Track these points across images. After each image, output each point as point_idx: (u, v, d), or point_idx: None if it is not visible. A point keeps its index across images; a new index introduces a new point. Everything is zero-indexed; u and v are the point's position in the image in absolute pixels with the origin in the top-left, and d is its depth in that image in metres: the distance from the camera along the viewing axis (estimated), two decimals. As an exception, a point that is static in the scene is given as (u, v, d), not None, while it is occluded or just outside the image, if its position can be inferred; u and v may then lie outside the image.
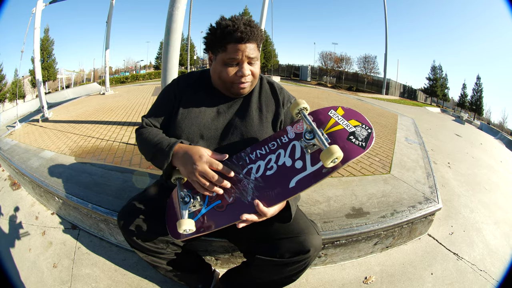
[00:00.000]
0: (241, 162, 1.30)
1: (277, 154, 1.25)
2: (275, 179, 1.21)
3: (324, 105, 9.62)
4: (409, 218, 2.44)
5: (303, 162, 1.18)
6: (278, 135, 1.31)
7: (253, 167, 1.27)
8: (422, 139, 5.65)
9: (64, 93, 17.27)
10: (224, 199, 1.26)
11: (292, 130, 1.29)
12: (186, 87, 1.56)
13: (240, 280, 1.67)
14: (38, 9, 7.82)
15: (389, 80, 33.98)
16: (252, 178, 1.25)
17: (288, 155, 1.23)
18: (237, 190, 1.25)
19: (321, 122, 1.25)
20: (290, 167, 1.20)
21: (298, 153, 1.21)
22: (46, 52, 25.96)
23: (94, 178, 2.98)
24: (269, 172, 1.23)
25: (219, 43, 1.36)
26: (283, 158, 1.23)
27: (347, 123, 1.22)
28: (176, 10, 3.72)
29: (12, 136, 5.56)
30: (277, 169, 1.22)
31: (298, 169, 1.18)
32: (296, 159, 1.20)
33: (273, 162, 1.24)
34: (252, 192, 1.22)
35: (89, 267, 2.24)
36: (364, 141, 1.15)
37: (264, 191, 1.21)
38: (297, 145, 1.23)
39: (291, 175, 1.18)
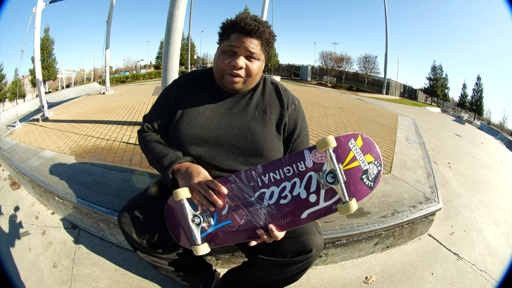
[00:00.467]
0: (252, 183, 1.26)
1: (292, 183, 1.22)
2: (289, 209, 1.22)
3: (324, 104, 9.64)
4: (409, 218, 2.44)
5: (317, 197, 1.19)
6: (295, 160, 1.24)
7: (266, 192, 1.24)
8: (422, 139, 5.65)
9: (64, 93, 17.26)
10: (236, 220, 1.26)
11: (310, 157, 1.23)
12: (187, 87, 1.55)
13: (241, 280, 1.67)
14: (38, 9, 7.82)
15: (389, 80, 34.04)
16: (265, 204, 1.24)
17: (303, 186, 1.21)
18: (248, 213, 1.25)
19: (339, 157, 1.21)
20: (304, 200, 1.20)
21: (313, 187, 1.20)
22: (46, 51, 25.94)
23: (94, 178, 2.98)
24: (283, 201, 1.22)
25: (225, 33, 1.40)
26: (298, 189, 1.21)
27: (363, 158, 1.21)
28: (176, 9, 3.71)
29: (12, 136, 5.56)
30: (291, 199, 1.22)
31: (312, 202, 1.20)
32: (311, 192, 1.20)
33: (288, 191, 1.22)
34: (265, 218, 1.23)
35: (89, 267, 2.24)
36: (373, 181, 1.19)
37: (277, 218, 1.23)
38: (313, 177, 1.21)
39: (304, 207, 1.20)
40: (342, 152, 1.20)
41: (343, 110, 8.91)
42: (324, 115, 7.43)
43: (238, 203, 1.26)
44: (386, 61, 32.80)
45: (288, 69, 42.64)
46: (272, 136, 1.47)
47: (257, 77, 1.48)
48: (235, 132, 1.45)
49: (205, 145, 1.43)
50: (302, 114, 1.60)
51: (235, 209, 1.26)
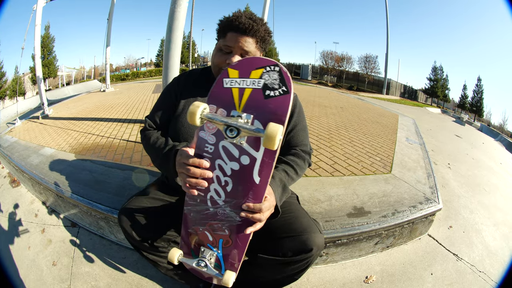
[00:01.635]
0: (199, 199, 1.16)
1: (219, 167, 1.09)
2: (239, 188, 1.10)
3: (324, 103, 9.63)
4: (410, 218, 2.45)
5: (248, 155, 1.05)
6: (201, 148, 1.11)
7: (212, 195, 1.14)
8: (422, 139, 5.64)
9: (64, 90, 17.22)
10: (224, 236, 1.19)
11: (207, 134, 1.09)
12: (187, 84, 1.58)
13: (241, 278, 1.66)
14: (39, 6, 7.80)
15: (389, 80, 33.99)
16: (221, 203, 1.14)
17: (228, 160, 1.07)
18: (223, 222, 1.17)
19: (227, 103, 1.06)
20: (241, 169, 1.07)
21: (235, 151, 1.06)
22: (47, 49, 25.90)
23: (94, 176, 2.97)
24: (229, 188, 1.11)
25: (222, 31, 1.44)
26: (227, 167, 1.08)
27: (251, 80, 1.04)
28: (178, 7, 3.71)
29: (12, 133, 5.56)
30: (232, 180, 1.10)
31: (248, 164, 1.06)
32: (239, 158, 1.06)
33: (224, 177, 1.10)
34: (234, 213, 1.14)
35: (88, 265, 2.23)
36: (283, 84, 1.01)
37: (241, 203, 1.11)
38: (227, 145, 1.07)
39: (249, 174, 1.07)
40: (225, 97, 1.07)
41: (344, 109, 8.91)
42: (324, 115, 7.43)
43: (209, 222, 1.19)
44: (386, 61, 32.78)
45: (289, 68, 42.59)
46: None
47: None
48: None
49: None
50: (299, 108, 1.61)
51: (213, 228, 1.19)
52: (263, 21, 1.43)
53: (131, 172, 3.07)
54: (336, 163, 3.63)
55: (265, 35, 1.42)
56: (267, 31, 1.43)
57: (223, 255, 1.22)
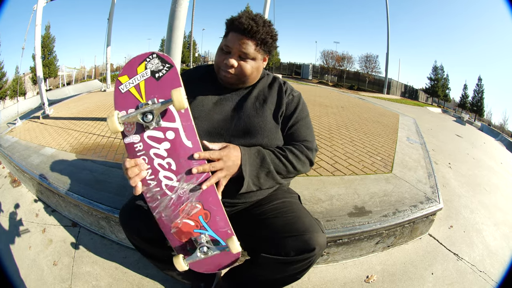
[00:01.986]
0: (158, 195, 1.21)
1: (155, 155, 1.17)
2: (182, 161, 1.18)
3: (325, 103, 9.63)
4: (410, 218, 2.44)
5: (170, 130, 1.15)
6: (134, 154, 1.17)
7: (166, 183, 1.19)
8: (423, 139, 5.64)
9: (65, 90, 17.22)
10: (199, 211, 1.23)
11: (131, 137, 1.16)
12: (190, 80, 1.56)
13: (243, 278, 1.66)
14: (39, 6, 7.80)
15: (390, 80, 34.01)
16: (176, 184, 1.19)
17: (159, 144, 1.16)
18: (190, 199, 1.21)
19: (131, 104, 1.14)
20: (172, 144, 1.16)
21: (159, 134, 1.15)
22: (47, 49, 25.87)
23: (95, 175, 2.98)
24: (174, 166, 1.18)
25: (226, 30, 1.44)
26: (161, 150, 1.17)
27: (139, 74, 1.15)
28: (179, 7, 3.70)
29: (12, 133, 5.56)
30: (172, 158, 1.18)
31: (175, 136, 1.16)
32: (165, 136, 1.16)
33: (164, 160, 1.17)
34: (191, 183, 1.20)
35: (89, 265, 2.24)
36: (165, 63, 1.15)
37: (192, 176, 1.19)
38: (150, 133, 1.15)
39: (180, 144, 1.16)
40: (129, 100, 1.15)
41: (344, 109, 8.91)
42: (325, 114, 7.43)
43: (180, 209, 1.22)
44: (387, 61, 32.78)
45: (290, 67, 42.63)
46: (271, 125, 1.48)
47: (253, 75, 1.49)
48: (235, 122, 1.46)
49: (207, 136, 1.43)
50: (302, 106, 1.60)
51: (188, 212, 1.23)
52: (266, 23, 1.41)
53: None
54: (337, 163, 3.63)
55: (266, 37, 1.39)
56: (269, 33, 1.40)
57: (213, 230, 1.26)
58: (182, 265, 1.23)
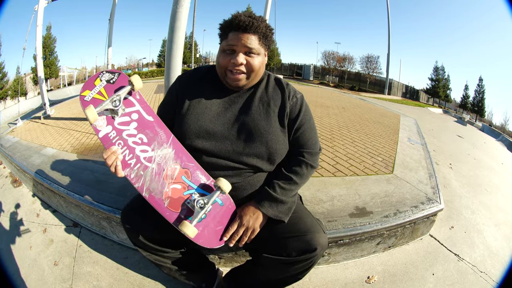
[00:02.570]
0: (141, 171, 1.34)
1: (128, 136, 1.35)
2: (149, 132, 1.38)
3: (326, 104, 9.63)
4: (411, 218, 2.44)
5: (134, 112, 1.39)
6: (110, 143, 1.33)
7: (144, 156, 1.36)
8: (424, 139, 5.63)
9: (66, 91, 17.30)
10: (180, 171, 1.38)
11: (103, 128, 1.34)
12: (190, 83, 1.56)
13: (244, 278, 1.66)
14: (40, 7, 7.81)
15: (391, 80, 33.96)
16: (152, 153, 1.36)
17: (127, 126, 1.37)
18: (168, 163, 1.37)
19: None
20: (138, 122, 1.39)
21: (126, 118, 1.37)
22: (48, 49, 25.98)
23: (96, 176, 2.98)
24: (146, 139, 1.37)
25: (223, 33, 1.44)
26: (131, 130, 1.36)
27: (97, 85, 1.38)
28: (180, 7, 3.70)
29: (13, 133, 5.57)
30: (142, 133, 1.37)
31: (138, 116, 1.39)
32: (130, 119, 1.37)
33: (136, 137, 1.36)
34: (166, 149, 1.39)
35: (90, 265, 2.24)
36: (114, 74, 1.41)
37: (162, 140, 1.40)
38: (119, 120, 1.36)
39: (143, 119, 1.39)
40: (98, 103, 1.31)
41: (346, 109, 8.90)
42: (326, 115, 7.43)
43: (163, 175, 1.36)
44: (388, 61, 32.75)
45: (291, 68, 42.61)
46: (276, 129, 1.47)
47: (260, 71, 1.48)
48: (240, 125, 1.45)
49: (212, 139, 1.43)
50: (305, 108, 1.59)
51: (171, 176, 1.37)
52: (262, 18, 1.42)
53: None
54: (338, 164, 3.63)
55: (266, 31, 1.41)
56: (268, 27, 1.42)
57: (199, 187, 1.39)
58: (192, 229, 1.25)
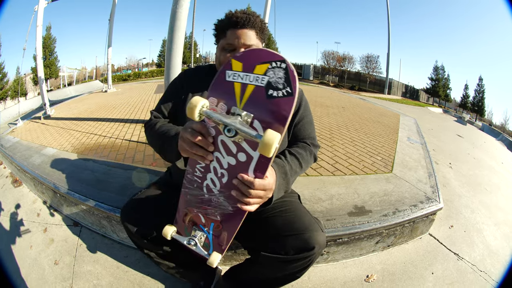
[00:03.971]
0: (195, 185, 1.20)
1: (217, 160, 1.10)
2: (232, 183, 1.10)
3: (326, 103, 9.63)
4: (410, 217, 2.45)
5: (245, 153, 1.03)
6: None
7: (208, 184, 1.17)
8: (424, 139, 5.63)
9: (66, 91, 17.26)
10: (214, 220, 1.25)
11: (208, 126, 1.07)
12: (194, 77, 1.59)
13: (243, 277, 1.67)
14: (40, 7, 7.81)
15: (391, 80, 33.86)
16: (216, 192, 1.16)
17: (226, 154, 1.07)
18: (216, 209, 1.21)
19: (228, 98, 1.03)
20: (237, 164, 1.06)
21: (233, 147, 1.05)
22: (48, 49, 25.95)
23: (96, 175, 2.99)
24: (224, 179, 1.12)
25: (221, 31, 1.47)
26: (224, 160, 1.08)
27: (254, 75, 0.98)
28: (180, 8, 3.72)
29: (14, 134, 5.57)
30: (228, 173, 1.10)
31: (245, 161, 1.04)
32: (236, 154, 1.05)
33: (220, 169, 1.11)
34: (227, 202, 1.17)
35: (90, 264, 2.25)
36: (288, 85, 0.94)
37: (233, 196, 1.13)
38: (225, 140, 1.05)
39: (244, 170, 1.06)
40: (226, 91, 1.03)
41: (345, 109, 8.91)
42: (326, 114, 7.43)
43: (202, 206, 1.24)
44: (388, 61, 32.66)
45: (290, 68, 42.49)
46: None
47: None
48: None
49: None
50: (305, 102, 1.63)
51: (206, 213, 1.25)
52: (256, 13, 1.46)
53: (134, 171, 3.08)
54: (338, 163, 3.64)
55: (262, 25, 1.45)
56: (262, 21, 1.47)
57: (213, 237, 1.29)
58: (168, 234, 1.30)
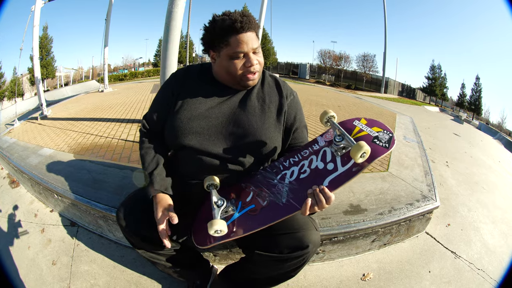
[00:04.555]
0: (275, 170, 1.40)
1: (310, 160, 1.33)
2: (309, 180, 1.28)
3: (321, 102, 9.65)
4: (406, 216, 2.46)
5: (334, 164, 1.25)
6: (310, 144, 1.41)
7: (287, 173, 1.35)
8: (420, 137, 5.64)
9: (62, 91, 17.16)
10: (258, 204, 1.31)
11: (322, 139, 1.38)
12: (186, 80, 1.56)
13: (238, 275, 1.67)
14: (37, 7, 7.77)
15: (388, 79, 33.87)
16: (287, 182, 1.32)
17: (320, 159, 1.30)
18: (271, 194, 1.32)
19: (348, 130, 1.32)
20: (322, 169, 1.27)
21: (329, 157, 1.29)
22: (45, 49, 25.84)
23: (93, 175, 2.98)
24: (303, 176, 1.31)
25: (220, 39, 1.36)
26: (315, 163, 1.31)
27: (371, 129, 1.30)
28: (175, 7, 3.71)
29: (11, 134, 5.55)
30: (310, 172, 1.30)
31: (330, 170, 1.25)
32: (327, 162, 1.28)
33: (306, 167, 1.32)
34: (287, 194, 1.29)
35: (88, 264, 2.25)
36: (387, 143, 1.23)
37: (298, 193, 1.27)
38: (327, 150, 1.31)
39: (324, 176, 1.24)
40: (349, 127, 1.35)
41: (341, 108, 8.93)
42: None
43: (262, 188, 1.36)
44: (384, 60, 32.62)
45: (287, 67, 42.48)
46: (270, 125, 1.48)
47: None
48: (234, 121, 1.46)
49: (205, 134, 1.44)
50: (300, 106, 1.63)
51: (259, 193, 1.35)
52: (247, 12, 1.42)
53: (129, 171, 3.08)
54: (334, 162, 3.63)
55: (257, 24, 1.42)
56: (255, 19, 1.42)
57: (238, 217, 1.33)
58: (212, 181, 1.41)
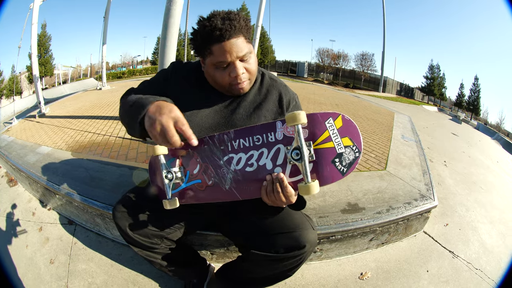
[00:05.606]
0: (222, 147, 1.26)
1: (260, 153, 1.21)
2: (253, 177, 1.22)
3: (319, 100, 9.65)
4: (404, 215, 2.46)
5: (283, 171, 1.18)
6: (266, 130, 1.21)
7: (234, 158, 1.24)
8: (418, 137, 5.64)
9: (61, 89, 17.16)
10: (204, 181, 1.29)
11: (281, 129, 1.19)
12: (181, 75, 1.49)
13: (235, 274, 1.67)
14: (35, 5, 7.74)
15: (386, 78, 33.99)
16: (232, 169, 1.24)
17: (270, 157, 1.19)
18: (216, 175, 1.27)
19: (314, 134, 1.17)
20: (269, 171, 1.20)
21: (280, 159, 1.18)
22: (43, 47, 25.79)
23: (90, 173, 2.98)
24: (249, 169, 1.22)
25: (202, 48, 1.28)
26: (264, 159, 1.20)
27: (340, 140, 1.15)
28: (173, 5, 3.71)
29: (9, 133, 5.53)
30: (256, 168, 1.21)
31: (275, 175, 1.17)
32: (277, 164, 1.19)
33: (254, 160, 1.21)
34: (230, 182, 1.25)
35: (85, 262, 2.24)
36: (347, 167, 1.15)
37: (242, 185, 1.24)
38: (281, 150, 1.18)
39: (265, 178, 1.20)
40: (316, 130, 1.16)
41: (339, 106, 8.94)
42: (319, 111, 7.41)
43: (208, 165, 1.28)
44: (383, 59, 32.78)
45: (285, 65, 42.54)
46: None
47: (257, 69, 1.42)
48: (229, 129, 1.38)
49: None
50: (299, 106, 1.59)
51: (205, 170, 1.28)
52: (238, 12, 1.29)
53: (127, 169, 3.08)
54: (332, 160, 3.63)
55: (246, 24, 1.27)
56: (246, 19, 1.27)
57: (186, 188, 1.33)
58: (158, 150, 1.25)
